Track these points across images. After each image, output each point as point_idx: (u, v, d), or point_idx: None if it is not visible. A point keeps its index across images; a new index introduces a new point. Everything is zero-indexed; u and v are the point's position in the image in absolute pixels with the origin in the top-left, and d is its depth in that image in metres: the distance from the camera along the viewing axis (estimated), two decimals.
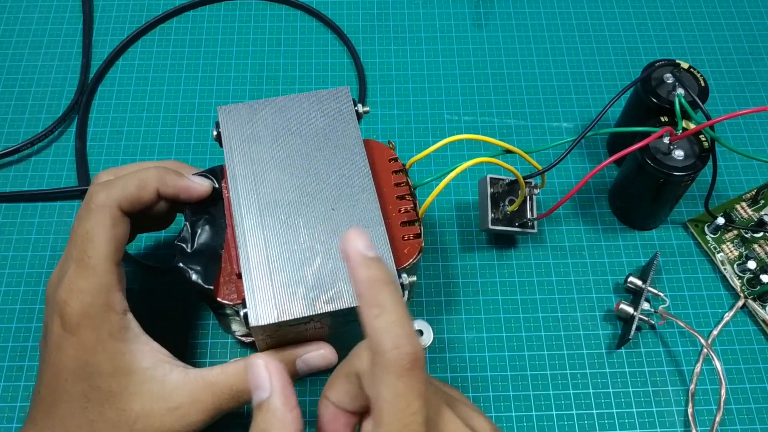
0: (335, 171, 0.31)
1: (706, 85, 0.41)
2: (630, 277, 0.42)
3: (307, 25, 0.53)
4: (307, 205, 0.31)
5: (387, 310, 0.23)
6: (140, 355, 0.30)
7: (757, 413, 0.39)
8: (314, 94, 0.34)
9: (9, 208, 0.45)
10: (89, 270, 0.29)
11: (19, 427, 0.38)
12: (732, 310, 0.42)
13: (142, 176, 0.32)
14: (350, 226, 0.28)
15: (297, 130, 0.33)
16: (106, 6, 0.53)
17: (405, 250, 0.31)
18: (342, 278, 0.29)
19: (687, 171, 0.38)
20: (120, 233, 0.31)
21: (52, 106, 0.49)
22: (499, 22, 0.54)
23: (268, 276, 0.29)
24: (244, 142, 0.33)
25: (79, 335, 0.29)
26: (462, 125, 0.49)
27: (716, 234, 0.44)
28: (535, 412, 0.39)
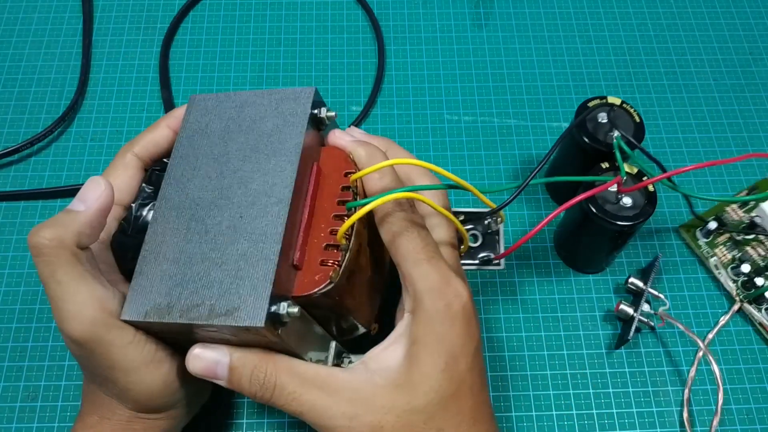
0: (261, 177, 0.29)
1: (641, 120, 0.39)
2: (631, 278, 0.42)
3: (307, 25, 0.53)
4: (220, 209, 0.29)
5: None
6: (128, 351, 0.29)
7: (757, 413, 0.39)
8: (279, 92, 0.32)
9: (9, 208, 0.45)
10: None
11: (19, 427, 0.38)
12: (728, 314, 0.41)
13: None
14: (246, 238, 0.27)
15: (247, 127, 0.31)
16: (106, 6, 0.53)
17: (316, 276, 0.28)
18: (214, 294, 0.27)
19: (638, 219, 0.36)
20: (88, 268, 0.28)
21: (52, 106, 0.49)
22: (499, 22, 0.54)
23: (157, 273, 0.28)
24: (195, 133, 0.31)
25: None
26: (462, 125, 0.49)
27: (708, 238, 0.44)
28: (536, 412, 0.39)
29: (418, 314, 0.28)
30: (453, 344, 0.28)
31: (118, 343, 0.28)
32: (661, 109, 0.50)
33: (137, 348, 0.28)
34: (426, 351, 0.28)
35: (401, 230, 0.29)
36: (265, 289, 0.26)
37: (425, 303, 0.28)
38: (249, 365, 0.28)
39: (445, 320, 0.28)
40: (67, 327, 0.27)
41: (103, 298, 0.27)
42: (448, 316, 0.28)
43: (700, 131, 0.49)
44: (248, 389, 0.28)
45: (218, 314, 0.26)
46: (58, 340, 0.41)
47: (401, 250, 0.29)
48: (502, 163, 0.47)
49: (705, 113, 0.50)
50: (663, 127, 0.49)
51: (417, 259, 0.28)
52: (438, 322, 0.28)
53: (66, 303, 0.27)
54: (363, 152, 0.31)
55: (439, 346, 0.28)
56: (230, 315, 0.26)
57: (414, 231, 0.29)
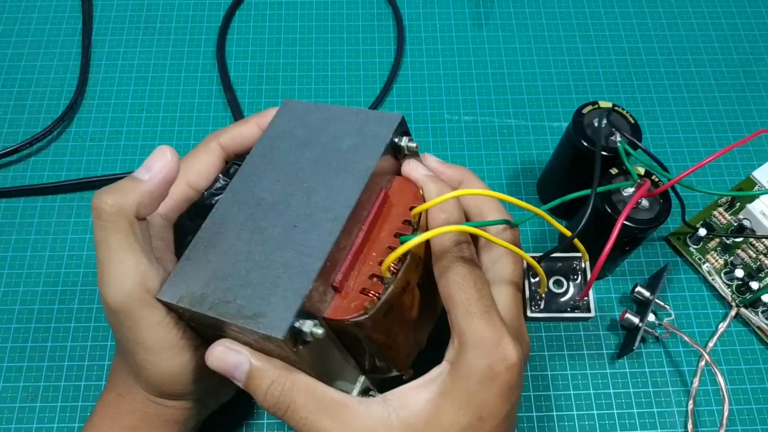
0: (325, 191, 0.29)
1: (635, 121, 0.39)
2: (638, 287, 0.41)
3: (307, 24, 0.53)
4: (279, 214, 0.29)
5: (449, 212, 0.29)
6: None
7: (760, 423, 0.39)
8: (367, 113, 0.31)
9: (8, 208, 0.45)
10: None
11: (19, 428, 0.38)
12: (726, 321, 0.41)
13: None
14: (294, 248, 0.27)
15: (326, 141, 0.31)
16: (106, 6, 0.53)
17: (353, 303, 0.27)
18: (247, 295, 0.27)
19: (657, 221, 0.36)
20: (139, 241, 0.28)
21: (51, 106, 0.49)
22: (499, 21, 0.54)
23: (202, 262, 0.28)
24: (278, 136, 0.32)
25: None
26: (462, 125, 0.49)
27: (699, 244, 0.44)
28: (536, 413, 0.39)
29: (456, 367, 0.27)
30: (484, 405, 0.27)
31: (146, 320, 0.28)
32: (662, 109, 0.50)
33: (163, 330, 0.28)
34: (453, 405, 0.26)
35: (456, 276, 0.27)
36: (296, 302, 0.25)
37: (468, 358, 0.26)
38: (268, 378, 0.27)
39: (484, 381, 0.26)
40: (104, 292, 0.27)
41: (146, 273, 0.27)
42: (488, 377, 0.26)
43: (701, 131, 0.49)
44: (262, 401, 0.27)
45: (244, 316, 0.26)
46: (57, 341, 0.40)
47: (453, 297, 0.27)
48: (503, 163, 0.47)
49: (706, 113, 0.50)
50: (664, 126, 0.49)
51: (468, 311, 0.27)
52: (475, 380, 0.26)
53: (109, 269, 0.27)
54: (433, 188, 0.29)
55: (468, 404, 0.26)
56: (254, 319, 0.26)
57: (471, 279, 0.27)
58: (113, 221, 0.27)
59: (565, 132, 0.40)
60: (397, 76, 0.51)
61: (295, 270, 0.26)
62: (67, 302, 0.42)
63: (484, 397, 0.26)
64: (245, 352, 0.27)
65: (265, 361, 0.27)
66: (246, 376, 0.27)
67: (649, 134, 0.49)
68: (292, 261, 0.27)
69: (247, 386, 0.27)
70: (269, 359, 0.27)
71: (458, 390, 0.26)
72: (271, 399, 0.27)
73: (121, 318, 0.28)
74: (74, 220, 0.44)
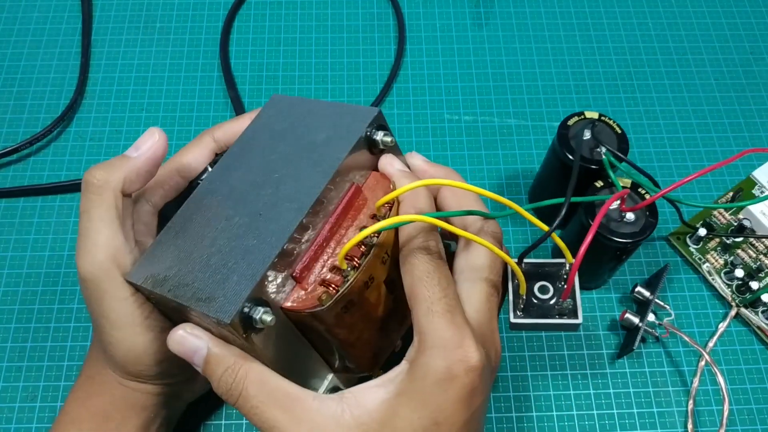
0: (293, 182, 0.29)
1: (622, 131, 0.38)
2: (638, 286, 0.41)
3: (307, 24, 0.53)
4: (247, 203, 0.29)
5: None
6: None
7: (760, 423, 0.39)
8: (345, 107, 0.31)
9: (8, 208, 0.45)
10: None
11: (19, 428, 0.38)
12: (726, 321, 0.41)
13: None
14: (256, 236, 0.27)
15: (302, 133, 0.31)
16: (105, 6, 0.53)
17: (311, 295, 0.27)
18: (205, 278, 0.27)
19: (643, 234, 0.36)
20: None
21: (51, 106, 0.49)
22: (499, 21, 0.54)
23: (171, 246, 0.29)
24: (260, 129, 0.32)
25: None
26: (462, 125, 0.49)
27: (699, 244, 0.44)
28: (536, 413, 0.39)
29: (414, 367, 0.26)
30: (440, 409, 0.25)
31: (112, 293, 0.29)
32: (662, 109, 0.50)
33: (129, 306, 0.29)
34: (408, 407, 0.25)
35: (420, 272, 0.26)
36: (247, 288, 0.25)
37: (425, 358, 0.25)
38: (223, 365, 0.27)
39: (441, 383, 0.25)
40: (78, 260, 0.29)
41: (119, 248, 0.28)
42: (445, 379, 0.25)
43: (701, 131, 0.49)
44: (216, 388, 0.27)
45: (198, 299, 0.26)
46: (57, 341, 0.40)
47: (416, 294, 0.26)
48: (503, 162, 0.47)
49: (706, 113, 0.50)
50: (664, 126, 0.49)
51: (430, 309, 0.26)
52: (432, 382, 0.25)
53: (86, 238, 0.28)
54: (406, 183, 0.28)
55: (423, 407, 0.25)
56: (206, 303, 0.26)
57: (435, 276, 0.26)
58: (98, 194, 0.28)
59: (551, 143, 0.40)
60: (397, 76, 0.51)
61: (252, 257, 0.26)
62: (67, 302, 0.42)
63: (440, 401, 0.25)
64: (205, 337, 0.27)
65: (222, 348, 0.27)
66: (203, 362, 0.27)
67: (649, 134, 0.49)
68: (252, 248, 0.27)
69: (204, 372, 0.27)
70: (228, 347, 0.27)
71: (414, 391, 0.25)
72: (224, 386, 0.27)
73: (90, 289, 0.29)
74: (74, 220, 0.44)
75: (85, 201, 0.29)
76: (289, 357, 0.28)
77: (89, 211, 0.28)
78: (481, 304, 0.28)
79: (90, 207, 0.28)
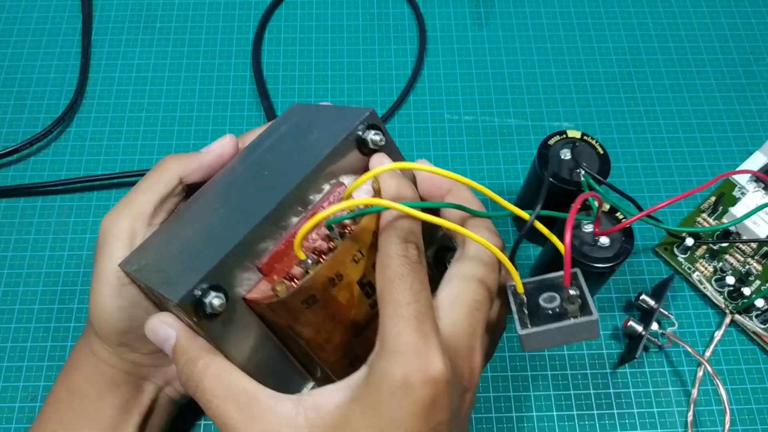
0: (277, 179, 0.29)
1: (604, 152, 0.37)
2: (642, 295, 0.41)
3: (306, 24, 0.53)
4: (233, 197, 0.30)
5: None
6: None
7: (761, 424, 0.39)
8: (346, 109, 0.31)
9: (8, 208, 0.45)
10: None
11: (19, 428, 0.38)
12: (721, 329, 0.41)
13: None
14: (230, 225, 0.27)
15: (300, 134, 0.31)
16: (105, 5, 0.53)
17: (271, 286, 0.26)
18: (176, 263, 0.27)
19: (618, 258, 0.34)
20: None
21: (51, 106, 0.49)
22: (499, 21, 0.54)
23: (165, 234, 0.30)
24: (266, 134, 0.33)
25: None
26: (462, 125, 0.49)
27: (687, 254, 0.43)
28: (536, 413, 0.39)
29: (371, 373, 0.24)
30: (394, 423, 0.23)
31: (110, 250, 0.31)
32: (662, 109, 0.50)
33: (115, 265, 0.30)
34: (361, 415, 0.24)
35: (393, 274, 0.24)
36: (202, 271, 0.25)
37: (383, 364, 0.23)
38: (186, 355, 0.27)
39: (396, 392, 0.23)
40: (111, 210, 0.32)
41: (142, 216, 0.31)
42: (401, 389, 0.23)
43: (701, 131, 0.49)
44: (179, 377, 0.27)
45: (162, 282, 0.26)
46: (57, 341, 0.40)
47: (384, 296, 0.24)
48: (503, 162, 0.47)
49: (706, 112, 0.50)
50: (664, 127, 0.49)
51: (397, 312, 0.24)
52: (387, 390, 0.23)
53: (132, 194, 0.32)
54: (392, 183, 0.27)
55: (375, 417, 0.23)
56: (167, 285, 0.26)
57: (408, 280, 0.24)
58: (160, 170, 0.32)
59: (532, 161, 0.39)
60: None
61: (218, 244, 0.26)
62: (67, 302, 0.42)
63: (394, 413, 0.23)
64: (176, 327, 0.27)
65: (189, 339, 0.27)
66: (172, 351, 0.27)
67: (649, 134, 0.49)
68: (221, 237, 0.27)
69: (173, 361, 0.28)
70: (195, 339, 0.27)
71: (368, 398, 0.24)
72: (184, 376, 0.27)
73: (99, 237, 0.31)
74: (74, 220, 0.44)
75: (148, 173, 0.33)
76: (263, 360, 0.28)
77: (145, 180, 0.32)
78: (461, 317, 0.26)
79: (148, 177, 0.32)
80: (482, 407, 0.39)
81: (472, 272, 0.26)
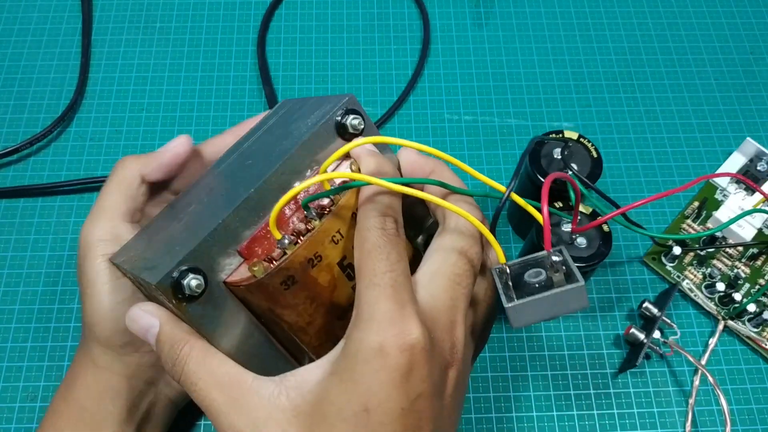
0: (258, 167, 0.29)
1: (599, 156, 0.37)
2: (645, 302, 0.41)
3: (306, 24, 0.53)
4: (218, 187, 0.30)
5: None
6: None
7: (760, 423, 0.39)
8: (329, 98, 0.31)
9: (8, 208, 0.45)
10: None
11: (19, 428, 0.38)
12: (715, 336, 0.41)
13: None
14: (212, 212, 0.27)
15: (283, 124, 0.32)
16: (105, 5, 0.53)
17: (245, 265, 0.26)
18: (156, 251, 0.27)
19: (593, 260, 0.34)
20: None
21: (51, 106, 0.49)
22: (499, 21, 0.54)
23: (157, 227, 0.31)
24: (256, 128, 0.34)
25: None
26: (462, 125, 0.49)
27: (675, 262, 0.43)
28: (536, 413, 0.39)
29: (347, 343, 0.24)
30: (371, 393, 0.23)
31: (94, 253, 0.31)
32: (662, 109, 0.50)
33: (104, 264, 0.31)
34: (339, 388, 0.23)
35: (371, 246, 0.24)
36: (181, 254, 0.25)
37: (358, 333, 0.23)
38: (170, 341, 0.26)
39: (371, 361, 0.23)
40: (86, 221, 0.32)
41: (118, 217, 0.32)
42: (376, 358, 0.23)
43: (701, 131, 0.49)
44: (164, 364, 0.27)
45: (145, 268, 0.26)
46: (57, 341, 0.40)
47: (361, 266, 0.24)
48: (503, 162, 0.47)
49: (706, 112, 0.50)
50: (664, 127, 0.49)
51: (373, 281, 0.24)
52: (362, 360, 0.23)
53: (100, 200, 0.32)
54: (371, 161, 0.27)
55: (353, 388, 0.23)
56: (148, 270, 0.26)
57: (385, 250, 0.24)
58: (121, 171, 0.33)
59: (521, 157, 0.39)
60: (395, 77, 0.51)
61: (198, 229, 0.26)
62: (67, 302, 0.42)
63: (370, 383, 0.23)
64: (159, 314, 0.27)
65: (172, 326, 0.27)
66: (155, 340, 0.27)
67: (649, 134, 0.49)
68: (202, 223, 0.27)
69: (156, 351, 0.27)
70: (178, 325, 0.27)
71: (345, 370, 0.23)
72: (169, 362, 0.26)
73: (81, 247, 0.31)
74: (74, 220, 0.44)
75: (108, 178, 0.33)
76: (249, 347, 0.28)
77: (107, 185, 0.32)
78: (441, 290, 0.25)
79: (109, 182, 0.33)
80: (482, 407, 0.39)
81: (452, 245, 0.26)
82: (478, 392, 0.40)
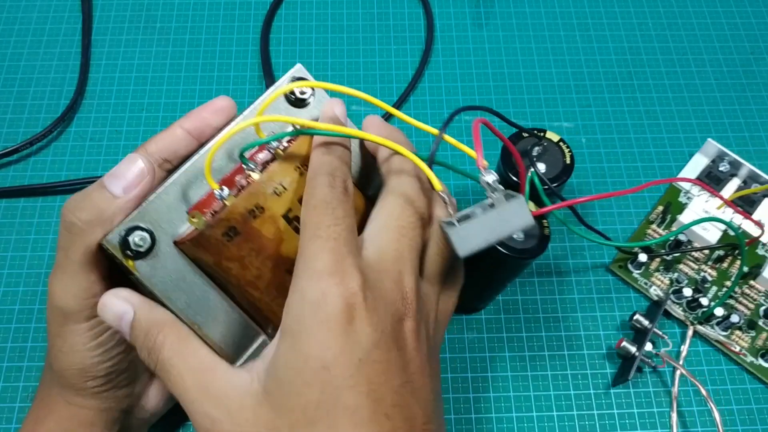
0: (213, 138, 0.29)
1: (571, 162, 0.37)
2: (636, 314, 0.40)
3: (306, 24, 0.53)
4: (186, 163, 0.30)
5: None
6: None
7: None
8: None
9: (8, 208, 0.45)
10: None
11: (19, 428, 0.38)
12: (686, 342, 0.40)
13: None
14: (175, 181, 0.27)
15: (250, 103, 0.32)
16: (105, 5, 0.53)
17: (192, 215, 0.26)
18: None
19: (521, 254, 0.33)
20: None
21: (51, 106, 0.49)
22: (499, 21, 0.54)
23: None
24: None
25: None
26: (462, 125, 0.49)
27: (641, 269, 0.43)
28: (536, 413, 0.39)
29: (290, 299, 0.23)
30: (323, 348, 0.22)
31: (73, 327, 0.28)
32: (662, 109, 0.50)
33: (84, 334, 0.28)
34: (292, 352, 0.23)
35: (318, 201, 0.24)
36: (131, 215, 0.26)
37: (299, 285, 0.23)
38: (144, 328, 0.26)
39: (316, 313, 0.22)
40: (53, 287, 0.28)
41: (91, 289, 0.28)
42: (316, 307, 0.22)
43: (701, 131, 0.49)
44: (140, 354, 0.26)
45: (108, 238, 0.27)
46: None
47: (304, 220, 0.24)
48: None
49: (706, 113, 0.50)
50: (664, 127, 0.49)
51: (315, 234, 0.23)
52: (307, 314, 0.22)
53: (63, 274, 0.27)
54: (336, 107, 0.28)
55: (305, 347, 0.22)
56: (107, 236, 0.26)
57: (331, 206, 0.24)
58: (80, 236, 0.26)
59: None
60: (395, 76, 0.51)
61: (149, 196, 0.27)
62: None
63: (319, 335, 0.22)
64: (134, 300, 0.27)
65: (147, 312, 0.26)
66: (130, 328, 0.26)
67: (649, 134, 0.49)
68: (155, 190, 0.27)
69: (131, 339, 0.27)
70: (153, 311, 0.26)
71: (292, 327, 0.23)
72: (144, 351, 0.26)
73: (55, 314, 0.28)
74: None
75: (65, 239, 0.27)
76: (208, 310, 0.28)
77: (68, 249, 0.27)
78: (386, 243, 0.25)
79: (69, 246, 0.27)
80: (482, 407, 0.39)
81: (395, 199, 0.26)
82: (478, 392, 0.40)
